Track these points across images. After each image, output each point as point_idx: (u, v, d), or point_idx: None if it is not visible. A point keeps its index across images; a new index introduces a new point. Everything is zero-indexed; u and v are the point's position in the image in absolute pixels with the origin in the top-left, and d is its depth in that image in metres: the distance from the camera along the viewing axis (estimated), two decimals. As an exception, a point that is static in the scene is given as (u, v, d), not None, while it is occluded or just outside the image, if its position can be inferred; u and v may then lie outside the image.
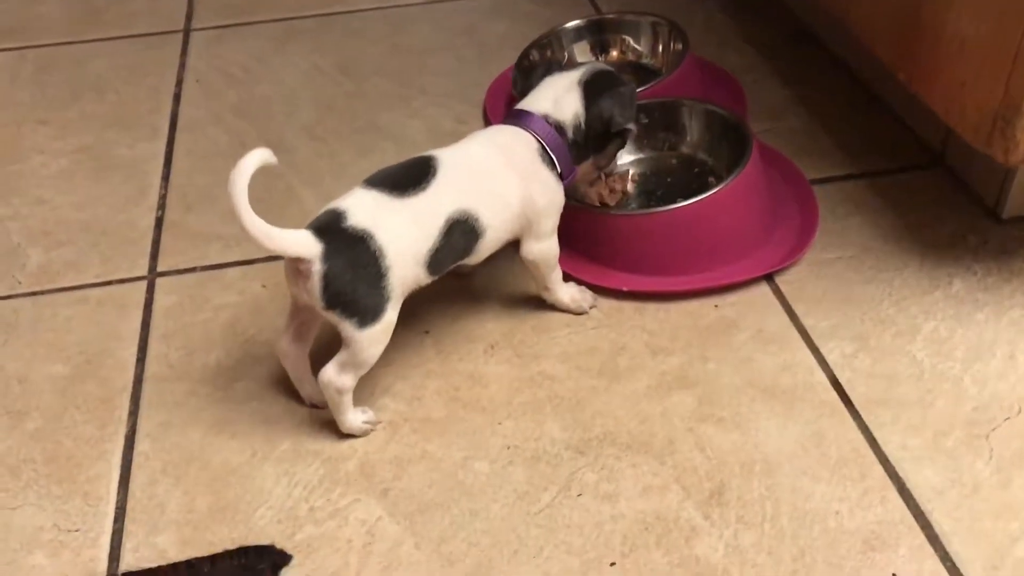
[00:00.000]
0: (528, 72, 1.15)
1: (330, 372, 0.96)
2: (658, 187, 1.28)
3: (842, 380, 1.05)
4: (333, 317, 0.95)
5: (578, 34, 1.52)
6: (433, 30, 1.74)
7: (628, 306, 1.15)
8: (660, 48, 1.49)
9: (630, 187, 1.28)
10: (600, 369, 1.07)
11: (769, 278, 1.18)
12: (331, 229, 0.95)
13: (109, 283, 1.22)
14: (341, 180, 1.33)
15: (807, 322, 1.12)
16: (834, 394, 1.04)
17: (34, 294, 1.21)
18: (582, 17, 1.55)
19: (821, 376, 1.06)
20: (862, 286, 1.17)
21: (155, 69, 1.65)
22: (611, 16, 1.53)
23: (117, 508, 0.96)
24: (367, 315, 0.95)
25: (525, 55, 1.48)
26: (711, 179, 1.27)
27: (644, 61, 1.51)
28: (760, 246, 1.20)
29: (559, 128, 1.08)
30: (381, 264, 0.95)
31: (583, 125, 1.09)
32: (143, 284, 1.22)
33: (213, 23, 1.78)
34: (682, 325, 1.12)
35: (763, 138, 1.36)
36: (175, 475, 0.98)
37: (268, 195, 1.35)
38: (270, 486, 0.97)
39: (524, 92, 1.14)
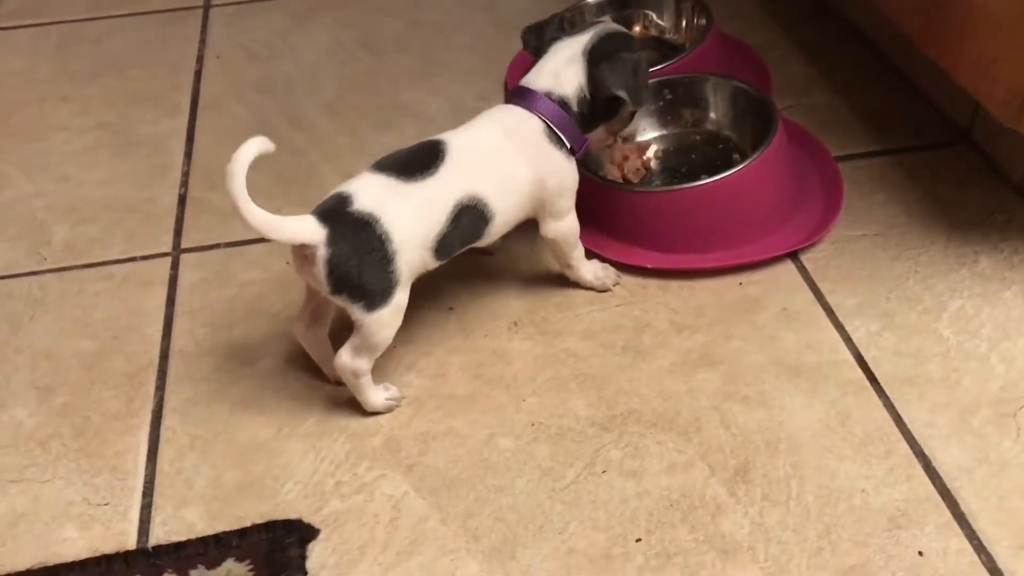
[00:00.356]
0: (540, 30, 1.12)
1: (344, 356, 0.97)
2: (682, 164, 1.27)
3: (867, 358, 1.05)
4: (341, 301, 0.95)
5: (601, 9, 1.50)
6: (454, 5, 1.73)
7: (652, 283, 1.15)
8: (683, 23, 1.47)
9: (653, 164, 1.27)
10: (624, 346, 1.07)
11: (794, 256, 1.17)
12: (336, 213, 0.94)
13: (133, 259, 1.23)
14: (362, 156, 1.32)
15: (832, 300, 1.12)
16: (859, 372, 1.03)
17: (60, 270, 1.21)
18: (602, -8, 1.54)
19: (846, 354, 1.05)
20: (888, 264, 1.16)
21: (176, 45, 1.65)
22: (633, -9, 1.52)
23: (145, 482, 0.96)
24: (375, 299, 0.95)
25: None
26: (735, 156, 1.26)
27: (667, 36, 1.50)
28: (785, 223, 1.20)
29: (563, 104, 1.05)
30: (387, 248, 0.94)
31: (588, 96, 1.06)
32: (167, 260, 1.22)
33: (233, -1, 1.78)
34: (706, 303, 1.12)
35: (787, 114, 1.35)
36: (202, 450, 0.99)
37: (290, 172, 1.35)
38: (296, 461, 0.97)
39: (536, 51, 1.11)
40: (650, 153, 1.29)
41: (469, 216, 1.00)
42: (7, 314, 1.15)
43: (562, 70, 1.06)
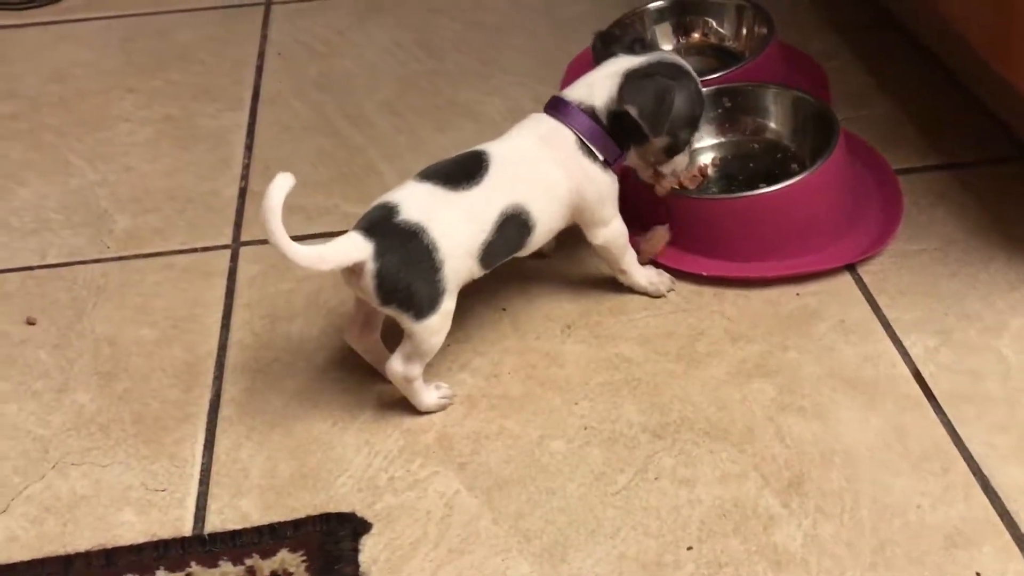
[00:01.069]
0: (608, 40, 1.12)
1: (396, 364, 0.98)
2: (740, 172, 1.27)
3: (925, 374, 1.04)
4: (391, 311, 0.96)
5: (660, 15, 1.50)
6: (511, 7, 1.74)
7: (707, 291, 1.15)
8: (744, 31, 1.47)
9: (710, 171, 1.27)
10: (678, 353, 1.07)
11: (852, 268, 1.16)
12: (382, 225, 0.95)
13: (194, 250, 1.25)
14: (420, 156, 1.34)
15: (890, 314, 1.11)
16: (916, 388, 1.02)
17: (122, 259, 1.24)
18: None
19: (904, 369, 1.04)
20: (947, 279, 1.15)
21: (238, 40, 1.67)
22: (695, -2, 1.51)
23: (202, 471, 0.98)
24: (424, 307, 0.95)
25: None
26: (794, 166, 1.25)
27: (726, 44, 1.49)
28: (843, 235, 1.19)
29: (593, 115, 1.04)
30: (435, 257, 0.95)
31: (614, 110, 1.04)
32: (227, 252, 1.24)
33: (294, -4, 1.80)
34: (762, 312, 1.11)
35: (846, 126, 1.33)
36: (258, 440, 1.01)
37: (348, 168, 1.37)
38: (351, 455, 0.99)
39: (596, 61, 1.11)
40: (707, 160, 1.28)
41: (513, 225, 1.01)
42: (71, 300, 1.18)
43: (599, 82, 1.06)
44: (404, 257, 0.94)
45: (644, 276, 1.13)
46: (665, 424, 1.00)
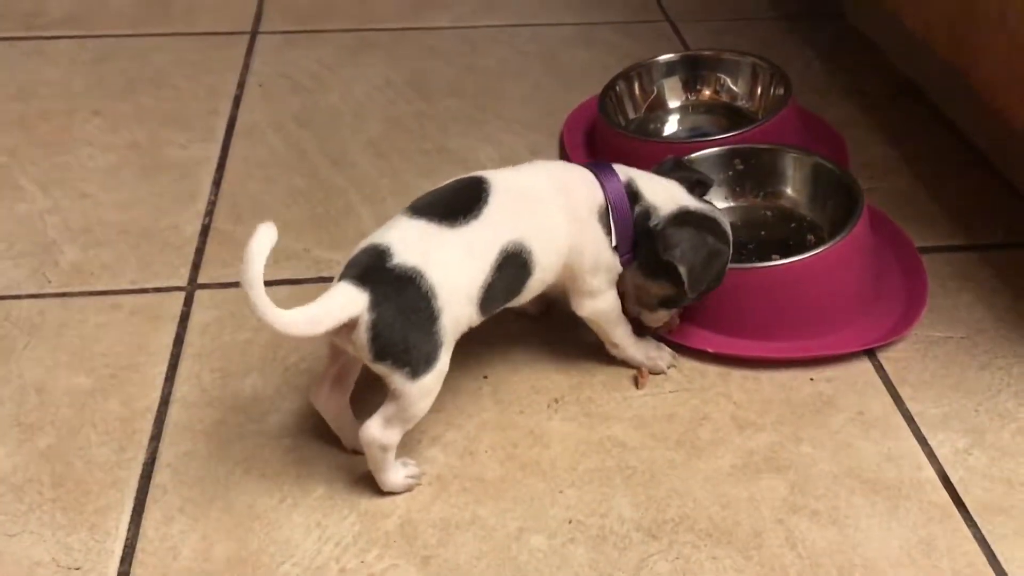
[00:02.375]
0: (679, 166, 1.02)
1: (374, 429, 0.85)
2: (750, 239, 1.16)
3: (954, 479, 0.92)
4: (382, 369, 0.83)
5: (670, 69, 1.41)
6: (511, 54, 1.65)
7: (712, 370, 1.03)
8: (759, 91, 1.37)
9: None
10: (679, 440, 0.95)
11: (871, 353, 1.05)
12: (375, 272, 0.83)
13: (145, 291, 1.12)
14: (402, 200, 1.19)
15: (914, 408, 0.99)
16: (945, 495, 0.91)
17: (63, 295, 1.11)
18: (668, 52, 1.45)
19: (930, 472, 0.93)
20: (976, 372, 1.04)
21: (217, 69, 1.57)
22: (708, 53, 1.42)
23: (125, 547, 0.85)
24: (419, 364, 0.83)
25: (611, 86, 1.38)
26: (810, 237, 1.15)
27: (739, 103, 1.40)
28: (862, 316, 1.08)
29: (632, 196, 0.95)
30: (433, 306, 0.83)
31: (652, 226, 0.95)
32: (181, 295, 1.12)
33: (282, 27, 1.70)
34: (773, 398, 1.00)
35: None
36: (194, 515, 0.87)
37: (324, 211, 1.25)
38: (299, 538, 0.85)
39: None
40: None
41: (513, 265, 0.89)
42: (0, 339, 1.05)
43: (654, 184, 0.97)
44: (401, 307, 0.82)
45: (641, 350, 1.02)
46: (662, 522, 0.87)
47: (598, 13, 1.77)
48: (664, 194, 0.97)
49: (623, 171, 0.97)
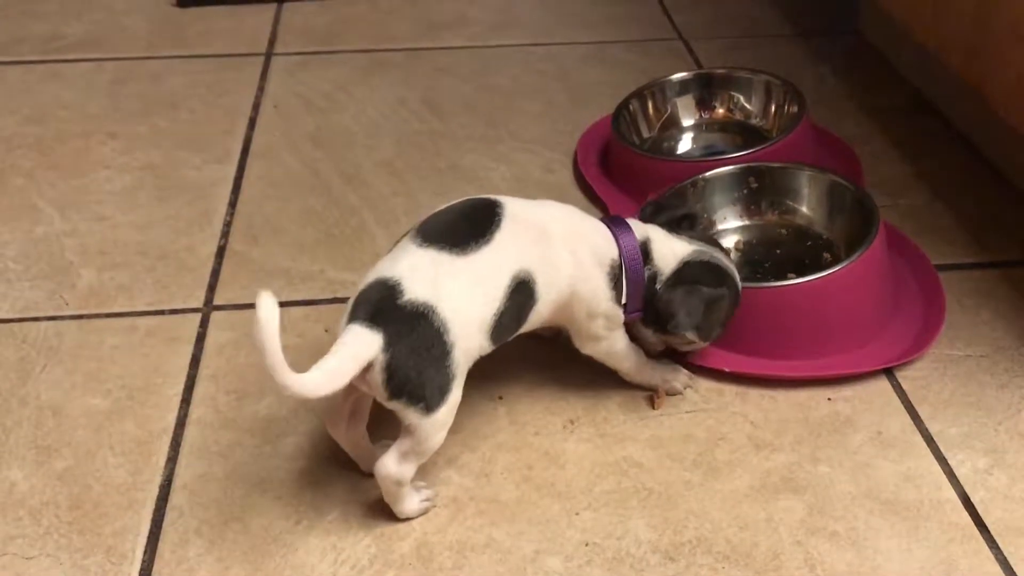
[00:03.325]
0: (660, 210, 1.01)
1: (390, 464, 0.84)
2: (766, 258, 1.16)
3: (975, 500, 0.91)
4: (396, 406, 0.83)
5: (683, 87, 1.41)
6: (524, 73, 1.65)
7: (729, 390, 1.02)
8: (772, 109, 1.37)
9: (733, 255, 1.14)
10: (695, 461, 0.95)
11: (889, 372, 1.05)
12: (387, 310, 0.82)
13: (161, 312, 1.13)
14: (416, 220, 1.23)
15: (933, 427, 0.99)
16: (966, 516, 0.90)
17: (80, 317, 1.12)
18: (681, 70, 1.45)
19: (950, 492, 0.92)
20: (996, 391, 1.03)
21: (233, 90, 1.58)
22: (721, 71, 1.42)
23: (142, 569, 0.85)
24: (434, 399, 0.83)
25: (624, 104, 1.38)
26: (826, 255, 1.14)
27: (752, 121, 1.39)
28: (880, 335, 1.07)
29: (645, 255, 0.94)
30: (446, 340, 0.82)
31: (658, 288, 0.95)
32: (197, 317, 1.12)
33: (296, 49, 1.71)
34: (790, 418, 0.99)
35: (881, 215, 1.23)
36: (210, 537, 0.87)
37: (339, 231, 1.26)
38: (314, 561, 0.85)
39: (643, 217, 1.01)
40: (730, 244, 1.17)
41: (523, 293, 0.88)
42: (18, 360, 1.06)
43: (663, 248, 0.96)
44: (414, 345, 0.81)
45: (656, 374, 1.01)
46: (679, 544, 0.86)
47: (611, 32, 1.78)
48: (670, 254, 0.96)
49: (639, 228, 0.96)
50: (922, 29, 1.53)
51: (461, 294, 0.84)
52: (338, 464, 0.93)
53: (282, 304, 0.92)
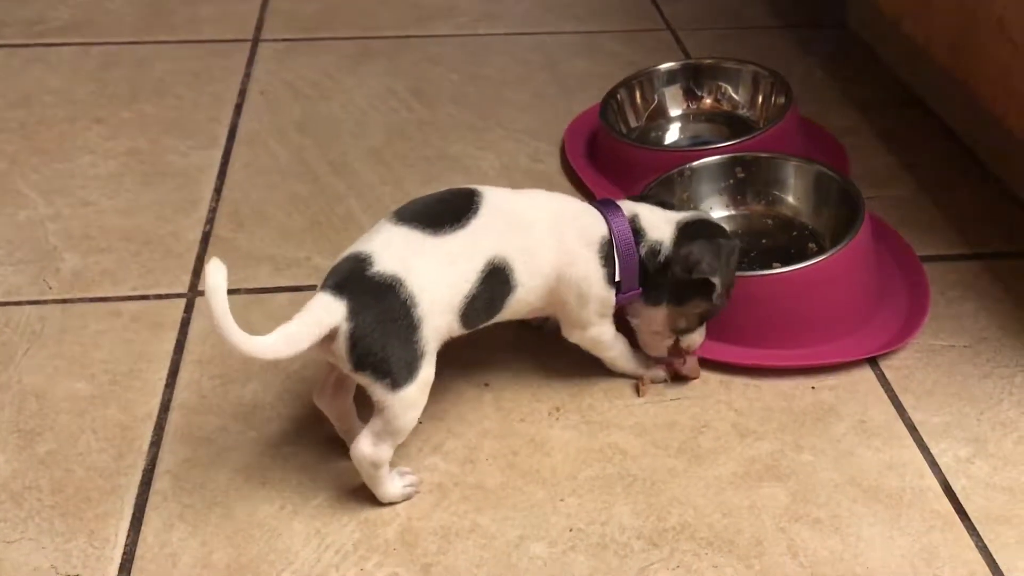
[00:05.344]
0: (640, 200, 1.01)
1: (364, 446, 0.84)
2: (751, 248, 1.16)
3: (956, 488, 0.92)
4: (363, 379, 0.83)
5: (671, 77, 1.41)
6: (513, 62, 1.65)
7: (713, 378, 1.03)
8: (760, 99, 1.38)
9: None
10: (680, 448, 0.95)
11: (873, 362, 1.05)
12: (354, 280, 0.83)
13: (146, 297, 1.12)
14: (404, 209, 1.23)
15: (916, 416, 0.99)
16: (947, 503, 0.90)
17: (64, 302, 1.11)
18: (669, 60, 1.45)
19: (932, 481, 0.92)
20: (978, 381, 1.03)
21: (219, 76, 1.57)
22: (708, 61, 1.42)
23: (124, 554, 0.84)
24: (400, 374, 0.83)
25: (612, 94, 1.38)
26: (811, 245, 1.14)
27: (740, 112, 1.40)
28: (864, 325, 1.08)
29: (636, 232, 0.94)
30: (413, 315, 0.83)
31: (662, 259, 0.94)
32: (182, 302, 1.11)
33: (284, 35, 1.70)
34: (774, 406, 1.00)
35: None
36: (193, 522, 0.87)
37: (325, 219, 1.25)
38: (298, 546, 0.85)
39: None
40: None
41: (496, 280, 0.89)
42: (0, 344, 1.05)
43: (653, 217, 0.96)
44: (379, 315, 0.82)
45: (640, 362, 1.01)
46: (662, 530, 0.87)
47: (599, 22, 1.78)
48: (662, 222, 0.96)
49: (627, 206, 0.97)
50: (909, 22, 1.53)
51: (430, 271, 0.85)
52: (323, 450, 0.93)
53: (268, 290, 0.92)
